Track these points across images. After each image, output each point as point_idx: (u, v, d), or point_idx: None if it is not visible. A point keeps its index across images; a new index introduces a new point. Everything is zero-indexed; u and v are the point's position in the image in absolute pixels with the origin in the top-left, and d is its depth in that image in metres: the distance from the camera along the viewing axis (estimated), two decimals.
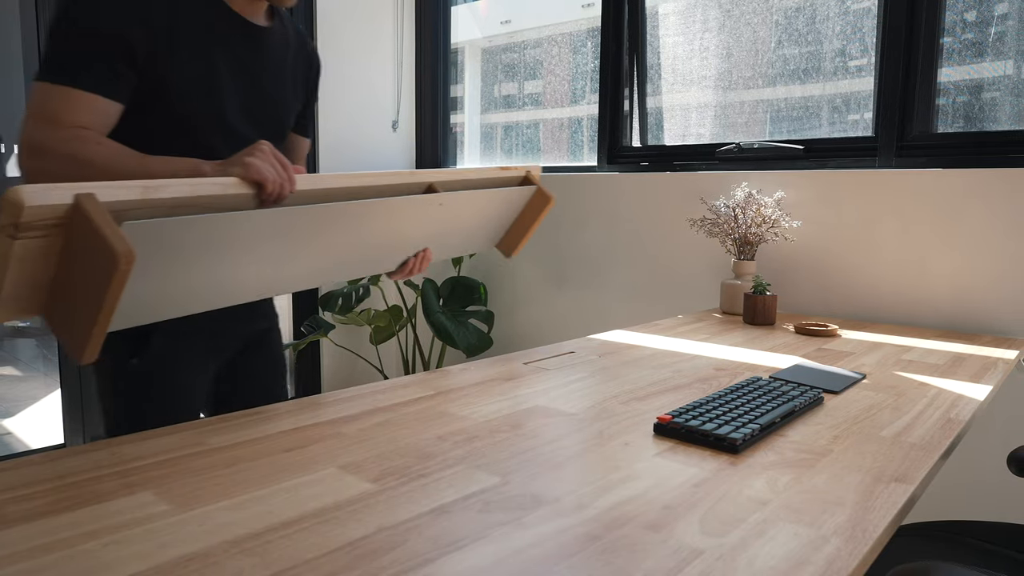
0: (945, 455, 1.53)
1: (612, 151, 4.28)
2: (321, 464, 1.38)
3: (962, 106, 3.18)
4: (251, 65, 1.95)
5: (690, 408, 1.67)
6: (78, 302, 1.34)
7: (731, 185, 3.57)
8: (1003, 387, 2.86)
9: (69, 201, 1.25)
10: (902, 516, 1.23)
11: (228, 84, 1.90)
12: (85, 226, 1.25)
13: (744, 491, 1.28)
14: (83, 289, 1.32)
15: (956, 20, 3.16)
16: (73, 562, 0.99)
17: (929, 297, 3.08)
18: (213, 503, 1.18)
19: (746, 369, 2.23)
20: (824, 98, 3.58)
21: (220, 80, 1.87)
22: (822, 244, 3.36)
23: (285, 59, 2.07)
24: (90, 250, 1.27)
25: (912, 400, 1.90)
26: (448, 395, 1.89)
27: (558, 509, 1.19)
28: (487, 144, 5.30)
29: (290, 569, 0.98)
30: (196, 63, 1.81)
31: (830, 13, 3.53)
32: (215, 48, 1.85)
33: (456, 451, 1.47)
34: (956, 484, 3.01)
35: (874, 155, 3.30)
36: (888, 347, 2.60)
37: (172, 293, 1.53)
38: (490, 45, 5.28)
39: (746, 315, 3.04)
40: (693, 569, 1.00)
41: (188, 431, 1.55)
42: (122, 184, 1.32)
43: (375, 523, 1.12)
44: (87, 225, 1.25)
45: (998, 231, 2.89)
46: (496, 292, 4.79)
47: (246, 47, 1.93)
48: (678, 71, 4.09)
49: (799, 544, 1.08)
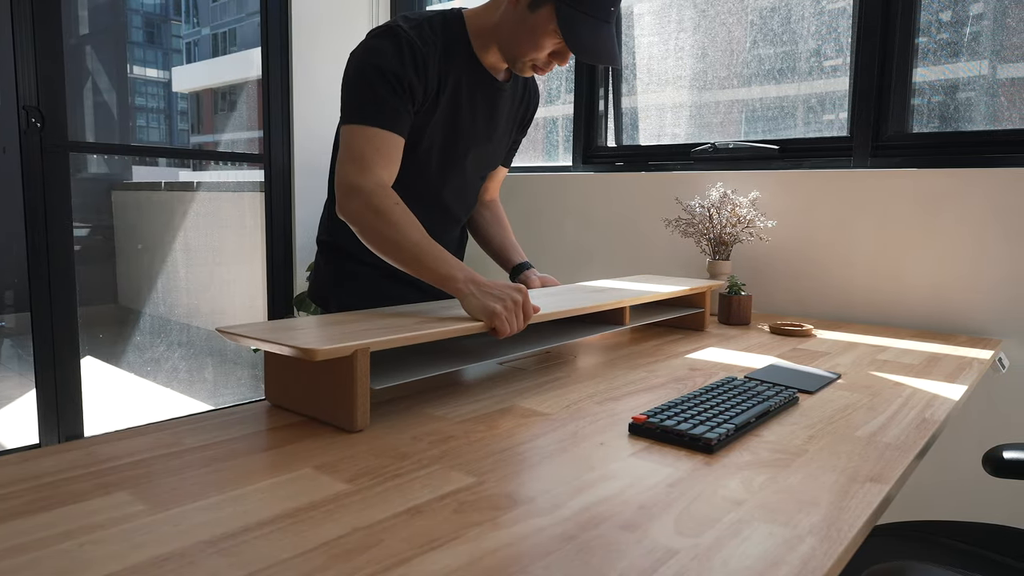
0: (920, 455, 1.54)
1: (587, 151, 4.28)
2: (296, 464, 1.37)
3: (937, 106, 3.19)
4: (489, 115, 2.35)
5: (665, 408, 1.68)
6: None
7: (706, 185, 3.57)
8: (978, 387, 2.88)
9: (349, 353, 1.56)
10: (877, 516, 1.23)
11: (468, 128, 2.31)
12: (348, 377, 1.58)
13: (719, 491, 1.28)
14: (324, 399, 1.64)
15: (931, 20, 3.18)
16: (48, 562, 0.98)
17: (904, 297, 3.09)
18: (189, 503, 1.18)
19: (721, 369, 2.23)
20: (799, 98, 3.59)
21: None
22: (797, 244, 3.37)
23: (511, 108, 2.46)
24: (342, 397, 1.59)
25: (887, 400, 1.91)
26: (424, 394, 1.89)
27: (533, 509, 1.19)
28: None
29: (265, 569, 0.98)
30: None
31: (805, 13, 3.54)
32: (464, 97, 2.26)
33: (431, 451, 1.47)
34: (931, 484, 3.02)
35: (849, 155, 3.31)
36: (863, 347, 2.61)
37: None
38: None
39: (721, 315, 3.04)
40: (668, 569, 1.01)
41: (164, 431, 1.55)
42: (391, 339, 1.64)
43: (350, 523, 1.12)
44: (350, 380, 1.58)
45: (973, 231, 2.90)
46: None
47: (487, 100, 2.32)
48: (653, 71, 4.10)
49: (774, 544, 1.08)
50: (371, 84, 2.01)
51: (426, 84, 2.10)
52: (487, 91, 2.27)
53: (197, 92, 5.78)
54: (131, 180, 5.27)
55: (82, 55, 4.78)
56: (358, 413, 1.57)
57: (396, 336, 1.64)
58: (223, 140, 5.86)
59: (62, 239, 3.76)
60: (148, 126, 5.87)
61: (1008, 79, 3.05)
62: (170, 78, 5.72)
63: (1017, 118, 3.00)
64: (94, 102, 4.86)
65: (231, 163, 5.34)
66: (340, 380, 1.58)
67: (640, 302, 2.45)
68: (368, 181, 1.96)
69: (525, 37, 2.09)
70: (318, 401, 1.64)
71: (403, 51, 2.04)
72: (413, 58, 2.05)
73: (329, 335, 1.59)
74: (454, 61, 2.17)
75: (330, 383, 1.60)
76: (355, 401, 1.56)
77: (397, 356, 1.91)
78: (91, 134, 4.78)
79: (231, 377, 5.55)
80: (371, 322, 1.79)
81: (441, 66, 2.14)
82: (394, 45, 2.04)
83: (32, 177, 3.64)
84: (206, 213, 5.22)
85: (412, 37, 2.05)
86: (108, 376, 4.94)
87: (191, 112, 5.80)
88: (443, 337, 1.77)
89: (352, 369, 1.55)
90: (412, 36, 2.05)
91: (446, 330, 1.76)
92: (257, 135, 5.06)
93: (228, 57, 5.92)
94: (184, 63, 6.00)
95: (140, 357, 5.19)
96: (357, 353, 1.54)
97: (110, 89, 4.97)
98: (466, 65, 2.20)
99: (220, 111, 5.77)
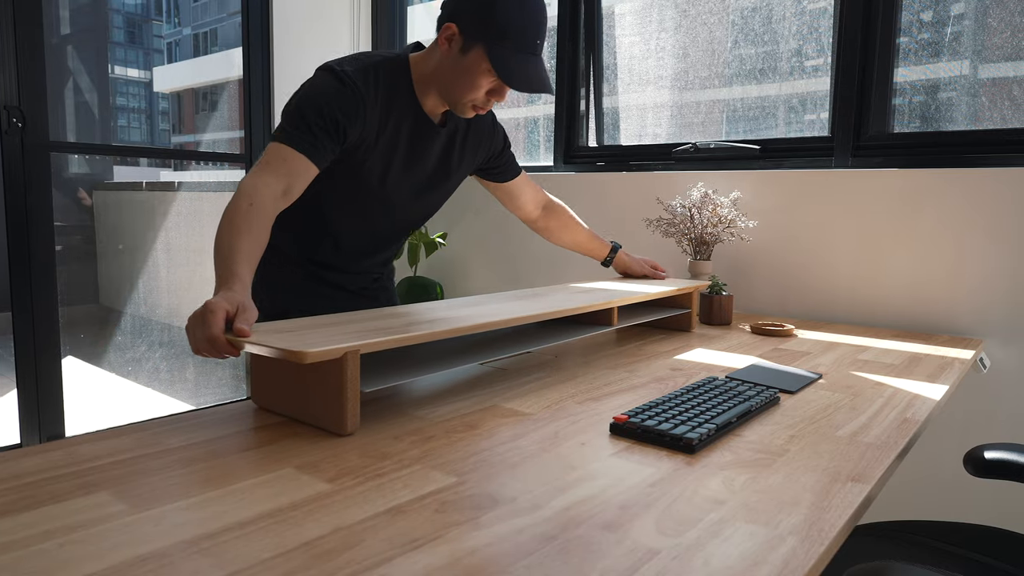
0: (901, 455, 1.54)
1: (568, 151, 4.29)
2: (277, 464, 1.37)
3: (918, 106, 3.20)
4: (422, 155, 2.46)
5: (646, 408, 1.68)
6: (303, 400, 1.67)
7: (687, 185, 3.57)
8: (959, 387, 2.89)
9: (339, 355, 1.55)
10: (858, 516, 1.23)
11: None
12: (338, 380, 1.57)
13: (700, 491, 1.28)
14: (312, 401, 1.64)
15: (912, 20, 3.19)
16: (29, 562, 0.98)
17: (885, 297, 3.10)
18: (170, 503, 1.18)
19: (702, 369, 2.24)
20: (780, 98, 3.60)
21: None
22: (778, 244, 3.37)
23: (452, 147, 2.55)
24: (331, 401, 1.59)
25: (868, 400, 1.92)
26: (405, 394, 1.88)
27: (514, 509, 1.19)
28: None
29: (246, 569, 0.98)
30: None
31: (786, 13, 3.55)
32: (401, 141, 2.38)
33: (412, 451, 1.47)
34: (913, 484, 3.03)
35: (830, 155, 3.32)
36: (844, 347, 2.62)
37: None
38: None
39: (702, 315, 3.05)
40: (649, 569, 1.01)
41: (145, 431, 1.54)
42: (382, 340, 1.63)
43: (331, 523, 1.12)
44: (339, 383, 1.57)
45: (954, 231, 2.91)
46: (452, 292, 4.79)
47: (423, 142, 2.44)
48: (634, 71, 4.11)
49: (755, 544, 1.09)
50: (304, 116, 2.13)
51: (363, 127, 2.23)
52: (424, 134, 2.40)
53: (178, 92, 5.77)
54: (112, 180, 5.25)
55: (63, 55, 4.76)
56: (348, 416, 1.56)
57: (387, 338, 1.63)
58: (204, 140, 5.85)
59: (43, 239, 3.75)
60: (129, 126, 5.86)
61: (989, 79, 3.06)
62: (151, 78, 5.71)
63: (998, 118, 3.01)
64: (75, 102, 4.84)
65: (212, 163, 5.32)
66: (330, 383, 1.57)
67: (628, 303, 2.45)
68: (253, 180, 2.02)
69: (461, 80, 2.22)
70: (307, 404, 1.63)
71: (343, 94, 2.17)
72: (352, 102, 2.18)
73: (318, 337, 1.59)
74: (395, 105, 2.30)
75: (320, 386, 1.60)
76: (345, 404, 1.55)
77: (380, 358, 1.91)
78: (72, 134, 4.76)
79: (212, 377, 5.53)
80: (358, 324, 1.79)
81: (382, 111, 2.26)
82: (336, 88, 2.18)
83: (13, 177, 3.62)
84: (187, 213, 5.21)
85: (355, 82, 2.19)
86: (89, 376, 4.92)
87: (172, 112, 5.79)
88: (433, 339, 1.76)
89: (342, 372, 1.54)
90: (356, 81, 2.19)
91: (436, 332, 1.76)
92: (238, 135, 5.05)
93: (209, 57, 5.91)
94: (165, 63, 5.99)
95: (121, 357, 5.17)
96: (347, 356, 1.54)
97: (91, 89, 4.96)
98: (408, 110, 2.33)
99: (201, 111, 5.76)
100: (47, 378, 3.86)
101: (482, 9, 2.12)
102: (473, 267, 4.66)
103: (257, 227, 1.93)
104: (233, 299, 1.64)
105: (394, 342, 1.65)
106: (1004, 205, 2.81)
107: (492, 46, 2.13)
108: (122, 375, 5.15)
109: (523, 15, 2.13)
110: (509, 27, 2.11)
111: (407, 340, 1.68)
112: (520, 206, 2.91)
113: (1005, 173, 2.81)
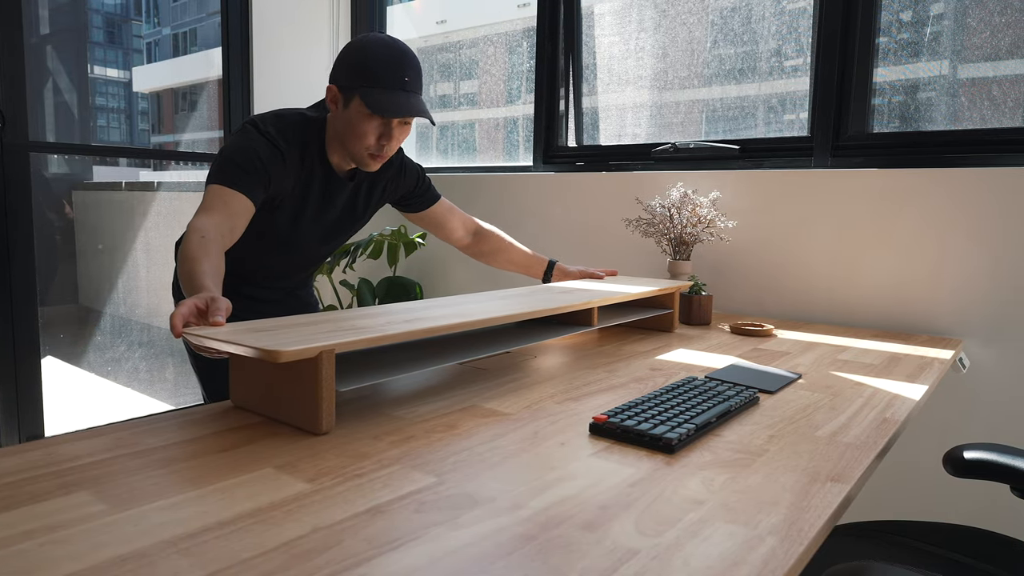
0: (881, 455, 1.55)
1: (548, 151, 4.29)
2: (257, 464, 1.37)
3: (898, 106, 3.21)
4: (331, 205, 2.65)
5: (626, 408, 1.68)
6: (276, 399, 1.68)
7: (666, 185, 3.58)
8: (939, 387, 2.90)
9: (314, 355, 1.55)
10: (838, 516, 1.24)
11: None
12: (313, 379, 1.58)
13: (680, 491, 1.29)
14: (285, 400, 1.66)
15: (892, 20, 3.20)
16: (8, 562, 0.97)
17: (865, 297, 3.11)
18: (149, 503, 1.17)
19: (681, 369, 2.24)
20: (760, 98, 3.61)
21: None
22: (758, 244, 3.38)
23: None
24: (307, 400, 1.60)
25: (848, 400, 1.92)
26: (384, 394, 1.88)
27: (494, 509, 1.19)
28: (423, 144, 5.30)
29: (226, 569, 0.97)
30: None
31: (766, 13, 3.56)
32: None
33: (392, 451, 1.47)
34: (892, 484, 3.04)
35: (810, 155, 3.33)
36: (824, 347, 2.63)
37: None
38: (425, 45, 5.28)
39: (682, 315, 3.05)
40: (628, 569, 1.01)
41: (124, 431, 1.54)
42: (356, 340, 1.64)
43: (311, 523, 1.12)
44: (315, 382, 1.58)
45: (933, 231, 2.92)
46: (431, 292, 4.79)
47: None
48: (614, 71, 4.11)
49: (734, 544, 1.09)
50: (236, 162, 2.30)
51: (282, 177, 2.42)
52: (332, 187, 2.60)
53: (158, 92, 5.74)
54: (92, 180, 5.23)
55: (43, 55, 4.74)
56: (324, 415, 1.56)
57: (361, 337, 1.63)
58: (183, 140, 5.82)
59: (23, 239, 3.73)
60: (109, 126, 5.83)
61: (968, 79, 3.07)
62: (131, 78, 5.68)
63: (977, 118, 3.03)
64: (55, 102, 4.82)
65: (192, 163, 5.30)
66: (305, 382, 1.58)
67: (609, 303, 2.46)
68: (200, 220, 2.16)
69: (350, 132, 2.40)
70: (283, 404, 1.64)
71: (267, 146, 2.36)
72: (274, 155, 2.37)
73: (293, 337, 1.59)
74: (308, 161, 2.50)
75: (295, 385, 1.60)
76: (321, 403, 1.56)
77: (359, 357, 1.91)
78: (52, 134, 4.74)
79: (192, 377, 5.49)
80: (335, 323, 1.78)
81: (297, 165, 2.47)
82: (261, 141, 2.37)
83: None
84: (167, 213, 5.19)
85: (276, 138, 2.39)
86: (69, 376, 4.90)
87: (152, 112, 5.76)
88: (409, 339, 1.77)
89: (317, 371, 1.55)
90: (276, 138, 2.39)
91: (411, 331, 1.76)
92: (217, 135, 5.04)
93: (188, 57, 5.89)
94: (145, 63, 5.96)
95: (101, 357, 5.15)
96: (322, 355, 1.54)
97: (71, 89, 4.93)
98: (319, 165, 2.53)
99: (181, 111, 5.73)
100: (26, 378, 3.85)
101: (352, 65, 2.35)
102: (453, 267, 4.66)
103: (214, 254, 2.04)
104: (203, 296, 1.72)
105: (369, 341, 1.66)
106: (984, 205, 2.82)
107: (365, 92, 2.32)
108: (101, 375, 5.13)
109: (388, 60, 2.33)
110: (377, 72, 2.32)
111: (382, 340, 1.69)
112: (448, 233, 3.07)
113: (985, 173, 2.82)
